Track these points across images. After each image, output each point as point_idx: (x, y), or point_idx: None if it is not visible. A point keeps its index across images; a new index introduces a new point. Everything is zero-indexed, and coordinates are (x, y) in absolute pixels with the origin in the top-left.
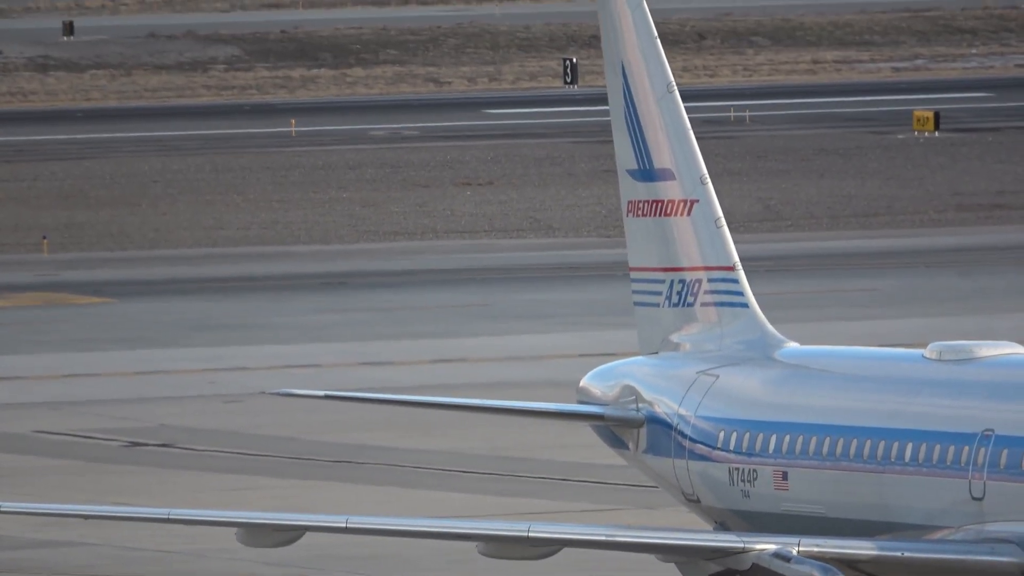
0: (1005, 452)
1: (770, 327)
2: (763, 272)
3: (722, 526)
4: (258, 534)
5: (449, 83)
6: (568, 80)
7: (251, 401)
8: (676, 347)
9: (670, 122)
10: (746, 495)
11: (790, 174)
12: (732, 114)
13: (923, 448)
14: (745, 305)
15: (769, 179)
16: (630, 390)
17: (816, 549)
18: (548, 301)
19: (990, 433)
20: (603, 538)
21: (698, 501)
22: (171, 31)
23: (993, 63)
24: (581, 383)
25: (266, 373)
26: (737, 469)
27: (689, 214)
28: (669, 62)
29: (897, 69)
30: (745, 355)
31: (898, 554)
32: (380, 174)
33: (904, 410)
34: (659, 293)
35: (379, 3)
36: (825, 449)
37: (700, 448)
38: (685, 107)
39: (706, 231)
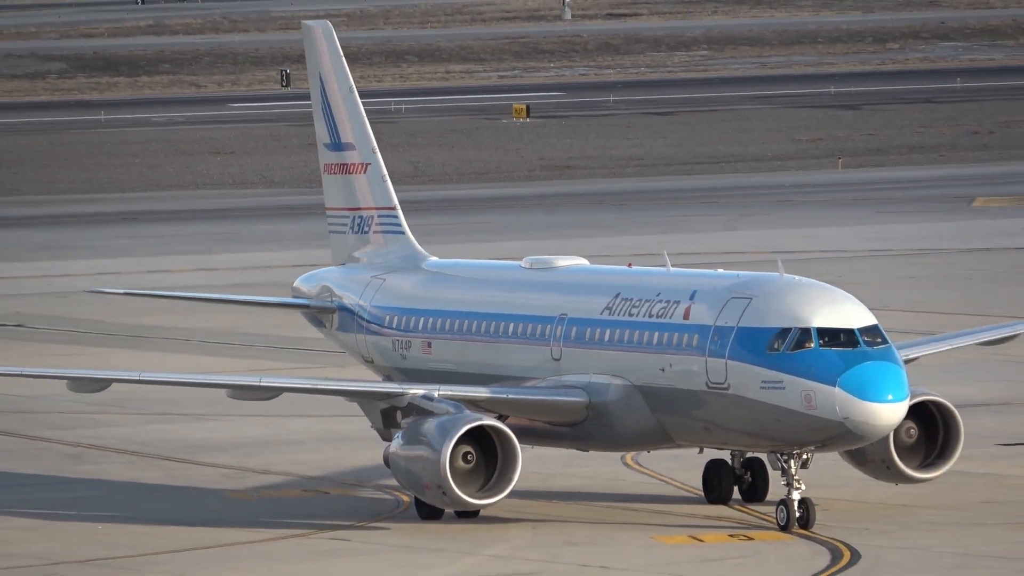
0: (574, 328)
1: (419, 247)
2: (413, 211)
3: (388, 378)
4: (81, 384)
5: (205, 87)
6: (284, 84)
7: (75, 296)
8: (357, 261)
9: (351, 112)
10: (403, 358)
11: (432, 146)
12: (393, 107)
13: (521, 326)
14: (402, 232)
15: (417, 150)
16: (327, 288)
17: (450, 392)
18: (278, 230)
19: (564, 316)
20: (310, 386)
21: (372, 362)
22: (22, 52)
23: (564, 73)
24: (294, 284)
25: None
26: (398, 340)
27: (365, 172)
28: (352, 74)
29: (503, 76)
30: (402, 265)
31: (504, 396)
32: (160, 147)
33: (508, 301)
34: (346, 225)
35: (157, 33)
36: (456, 327)
37: (373, 327)
38: (362, 102)
39: (376, 183)
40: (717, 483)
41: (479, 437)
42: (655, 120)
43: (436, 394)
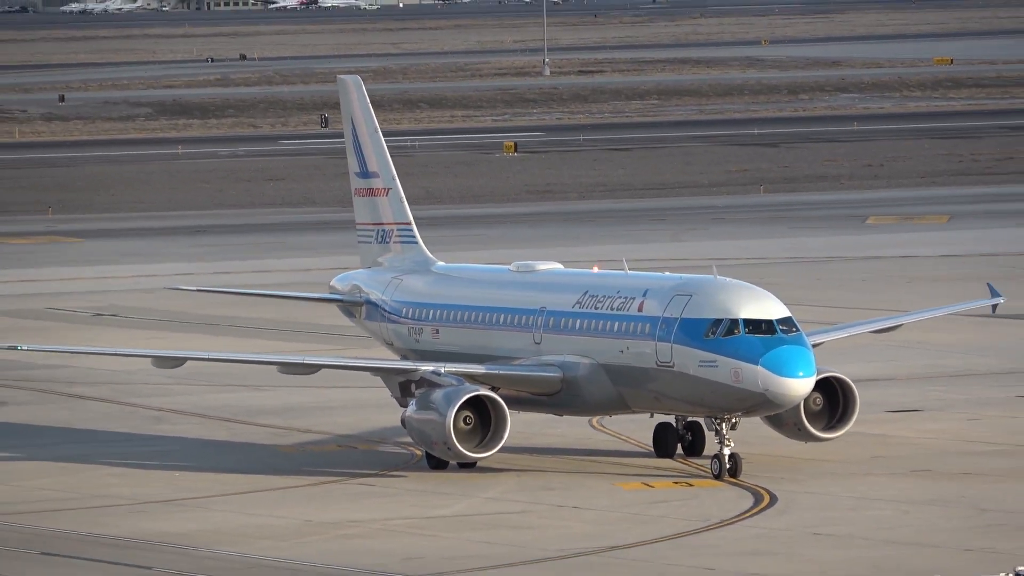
0: (552, 319)
1: (429, 254)
2: (425, 226)
3: (405, 358)
4: (163, 362)
5: (260, 128)
6: (323, 125)
7: (158, 292)
8: (380, 265)
9: (376, 147)
10: (417, 341)
11: (440, 175)
12: (409, 144)
13: (510, 317)
14: (416, 243)
15: (429, 178)
16: (357, 287)
17: (454, 369)
18: (318, 240)
19: (543, 308)
20: (343, 363)
21: (392, 345)
22: (117, 100)
23: (544, 117)
24: (331, 283)
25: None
26: (412, 328)
27: (387, 195)
28: (377, 117)
29: (496, 120)
30: (416, 268)
31: (496, 372)
32: (225, 174)
33: (500, 296)
34: (372, 236)
35: (223, 85)
36: (459, 317)
37: (393, 317)
38: (384, 140)
39: (396, 204)
40: (664, 441)
41: (476, 404)
42: (616, 154)
43: (442, 370)
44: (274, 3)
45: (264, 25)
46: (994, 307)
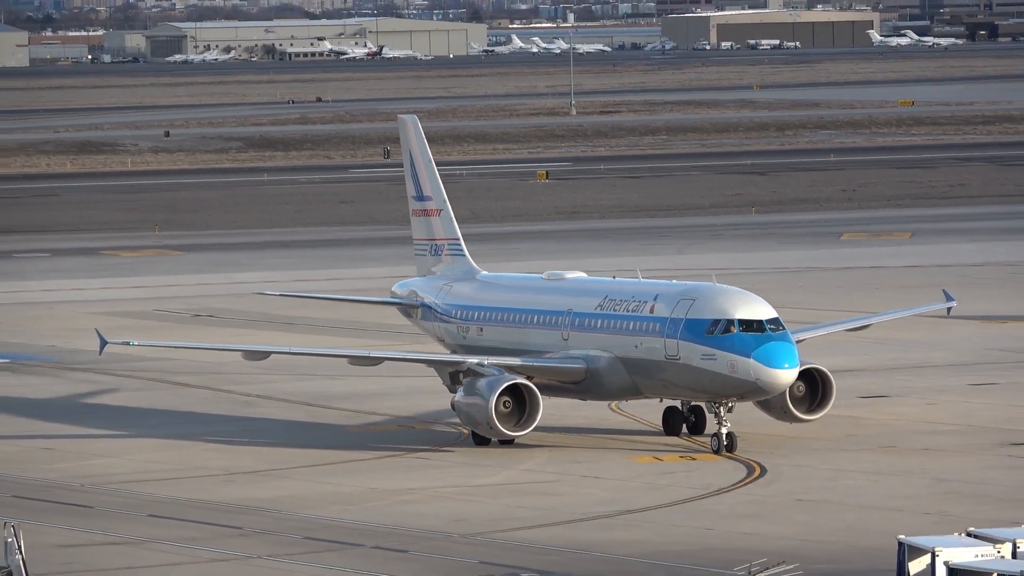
0: (577, 319)
1: (474, 264)
2: (471, 241)
3: (454, 352)
4: (251, 355)
5: (333, 159)
6: (386, 156)
7: (247, 296)
8: (433, 274)
9: (430, 175)
10: (464, 338)
11: (485, 199)
12: (458, 173)
13: (542, 317)
14: (463, 255)
15: (476, 200)
16: (414, 292)
17: (496, 361)
18: (381, 253)
19: (570, 310)
20: (402, 356)
21: (443, 341)
22: (213, 135)
23: (571, 150)
24: (392, 288)
25: (259, 284)
26: (460, 326)
27: (439, 215)
28: (431, 150)
29: (531, 152)
30: (464, 277)
31: (530, 363)
32: (304, 198)
33: (533, 300)
34: (426, 250)
35: (302, 123)
36: (499, 317)
37: (444, 317)
38: (437, 168)
39: (447, 222)
40: (672, 422)
41: (514, 391)
42: (631, 181)
43: (486, 362)
44: (345, 54)
45: (336, 72)
46: (949, 310)
